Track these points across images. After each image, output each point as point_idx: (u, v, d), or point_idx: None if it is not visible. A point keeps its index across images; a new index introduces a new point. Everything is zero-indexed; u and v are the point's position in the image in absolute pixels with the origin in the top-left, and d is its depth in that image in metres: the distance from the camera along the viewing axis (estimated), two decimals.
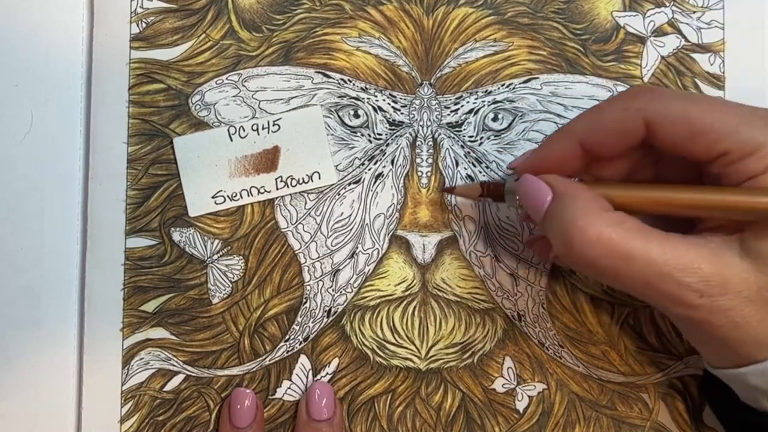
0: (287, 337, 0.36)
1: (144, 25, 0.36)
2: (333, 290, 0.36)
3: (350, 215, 0.36)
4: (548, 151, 0.31)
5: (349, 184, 0.36)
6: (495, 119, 0.36)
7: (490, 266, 0.36)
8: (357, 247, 0.36)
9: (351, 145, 0.36)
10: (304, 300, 0.36)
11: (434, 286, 0.36)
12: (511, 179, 0.32)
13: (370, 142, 0.36)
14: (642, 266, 0.27)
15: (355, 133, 0.36)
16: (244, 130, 0.36)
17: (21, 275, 0.35)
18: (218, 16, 0.36)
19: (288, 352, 0.36)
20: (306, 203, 0.36)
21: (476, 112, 0.36)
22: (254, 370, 0.36)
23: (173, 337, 0.36)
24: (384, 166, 0.36)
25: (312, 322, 0.36)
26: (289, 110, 0.36)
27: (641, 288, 0.28)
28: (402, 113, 0.36)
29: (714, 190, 0.28)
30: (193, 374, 0.36)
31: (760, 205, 0.26)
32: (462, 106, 0.36)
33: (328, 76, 0.36)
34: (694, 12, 0.36)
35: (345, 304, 0.36)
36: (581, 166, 0.31)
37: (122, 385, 0.35)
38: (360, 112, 0.36)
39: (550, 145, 0.31)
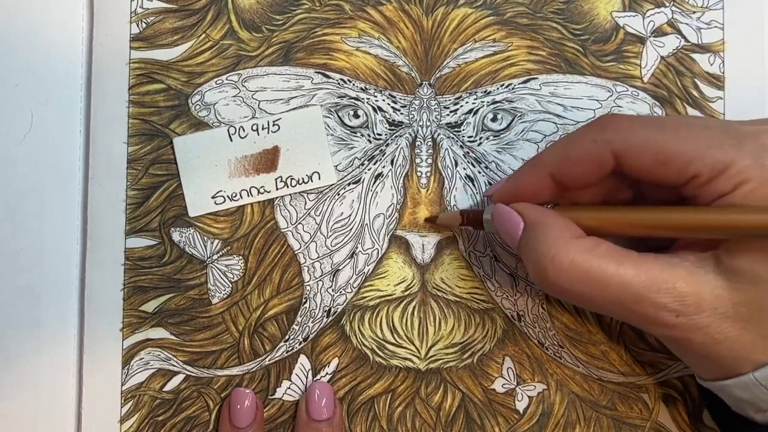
0: (287, 337, 0.36)
1: (144, 25, 0.36)
2: (333, 290, 0.36)
3: (350, 215, 0.36)
4: (520, 181, 0.31)
5: (349, 184, 0.36)
6: (494, 119, 0.36)
7: (489, 266, 0.36)
8: (357, 247, 0.36)
9: (351, 146, 0.36)
10: (304, 300, 0.36)
11: (434, 286, 0.36)
12: (489, 208, 0.32)
13: (370, 142, 0.36)
14: (616, 290, 0.27)
15: (355, 133, 0.36)
16: (244, 130, 0.36)
17: (21, 275, 0.35)
18: (218, 17, 0.36)
19: (288, 352, 0.36)
20: (306, 203, 0.36)
21: (475, 113, 0.36)
22: (254, 370, 0.36)
23: (173, 337, 0.36)
24: (383, 167, 0.36)
25: (312, 322, 0.36)
26: (289, 110, 0.36)
27: (618, 311, 0.28)
28: (401, 113, 0.36)
29: (685, 210, 0.28)
30: (193, 374, 0.36)
31: (730, 223, 0.26)
32: (461, 106, 0.36)
33: (328, 77, 0.36)
34: (694, 12, 0.36)
35: (345, 304, 0.36)
36: (554, 195, 0.31)
37: (122, 385, 0.35)
38: (360, 112, 0.36)
39: (521, 175, 0.31)
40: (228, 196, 0.36)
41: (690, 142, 0.27)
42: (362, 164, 0.36)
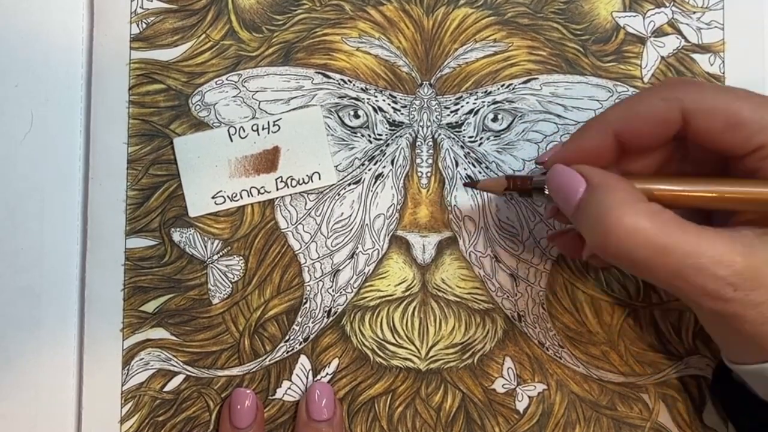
0: (287, 337, 0.36)
1: (144, 25, 0.36)
2: (333, 290, 0.36)
3: (350, 215, 0.36)
4: (581, 142, 0.31)
5: (349, 184, 0.36)
6: (495, 120, 0.36)
7: (489, 266, 0.36)
8: (357, 248, 0.36)
9: (351, 146, 0.36)
10: (304, 300, 0.36)
11: (434, 286, 0.36)
12: (538, 173, 0.32)
13: (370, 142, 0.36)
14: (678, 258, 0.27)
15: (355, 133, 0.36)
16: (244, 130, 0.36)
17: (21, 275, 0.35)
18: (218, 17, 0.36)
19: (288, 352, 0.36)
20: (306, 203, 0.36)
21: (476, 113, 0.36)
22: (254, 370, 0.36)
23: (173, 338, 0.36)
24: (384, 167, 0.36)
25: (312, 323, 0.36)
26: (289, 110, 0.36)
27: (675, 280, 0.27)
28: (402, 114, 0.36)
29: (749, 182, 0.28)
30: (193, 374, 0.36)
31: None
32: (462, 106, 0.36)
33: (328, 77, 0.36)
34: (694, 12, 0.36)
35: (345, 304, 0.36)
36: (614, 159, 0.30)
37: (122, 385, 0.35)
38: (360, 112, 0.36)
39: (583, 135, 0.31)
40: (228, 197, 0.36)
41: (760, 110, 0.27)
42: (362, 164, 0.36)
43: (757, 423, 0.30)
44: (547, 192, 0.31)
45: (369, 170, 0.36)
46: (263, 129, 0.36)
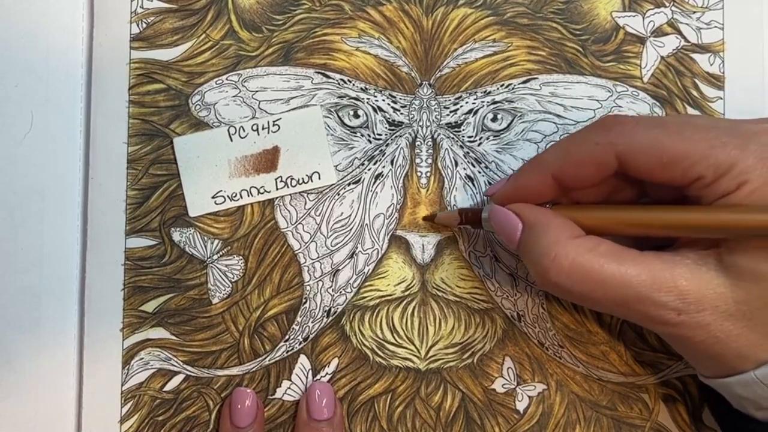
0: (287, 337, 0.36)
1: (144, 25, 0.36)
2: (333, 290, 0.36)
3: (350, 215, 0.36)
4: (521, 182, 0.31)
5: (349, 184, 0.36)
6: (494, 119, 0.36)
7: (489, 266, 0.36)
8: (357, 247, 0.36)
9: (351, 146, 0.36)
10: (304, 300, 0.36)
11: (434, 286, 0.36)
12: (487, 207, 0.32)
13: (370, 142, 0.36)
14: (618, 289, 0.27)
15: (355, 133, 0.36)
16: (244, 130, 0.36)
17: (21, 275, 0.35)
18: (218, 17, 0.36)
19: (288, 352, 0.36)
20: (306, 203, 0.36)
21: (475, 113, 0.36)
22: (254, 370, 0.36)
23: (173, 337, 0.36)
24: (383, 167, 0.36)
25: (312, 322, 0.36)
26: (289, 110, 0.36)
27: (620, 310, 0.28)
28: (401, 113, 0.36)
29: (686, 209, 0.28)
30: (193, 374, 0.36)
31: (732, 223, 0.26)
32: (461, 106, 0.36)
33: (328, 77, 0.36)
34: (694, 12, 0.36)
35: (345, 304, 0.36)
36: (556, 195, 0.31)
37: (122, 385, 0.35)
38: (360, 112, 0.36)
39: (522, 175, 0.31)
40: (228, 196, 0.36)
41: (694, 143, 0.27)
42: (362, 164, 0.36)
43: (738, 429, 0.31)
44: None
45: (369, 170, 0.36)
46: (263, 129, 0.36)
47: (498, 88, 0.36)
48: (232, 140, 0.36)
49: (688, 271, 0.27)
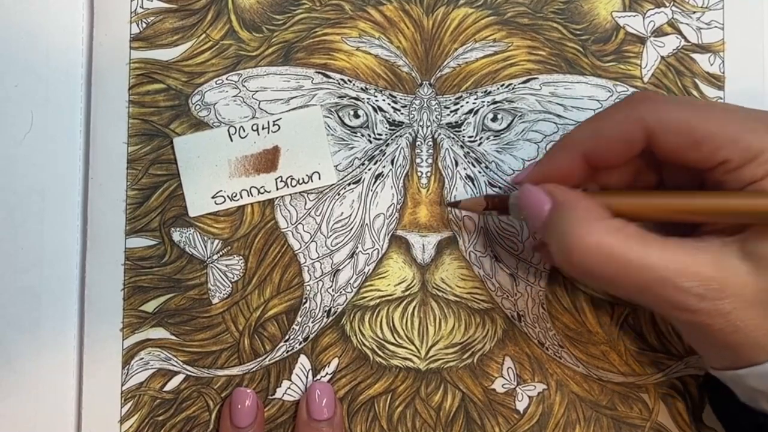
0: (287, 337, 0.36)
1: (144, 25, 0.36)
2: (333, 290, 0.36)
3: (350, 215, 0.36)
4: (551, 164, 0.31)
5: (349, 184, 0.36)
6: (494, 119, 0.36)
7: (489, 266, 0.36)
8: (357, 247, 0.36)
9: (351, 145, 0.36)
10: (304, 300, 0.36)
11: (434, 286, 0.36)
12: (515, 192, 0.32)
13: (370, 142, 0.36)
14: (641, 272, 0.27)
15: (355, 133, 0.36)
16: (244, 130, 0.36)
17: (21, 275, 0.35)
18: (218, 17, 0.36)
19: (288, 352, 0.36)
20: (306, 203, 0.36)
21: (476, 113, 0.36)
22: (254, 370, 0.36)
23: (173, 337, 0.36)
24: (384, 167, 0.36)
25: (312, 322, 0.36)
26: (289, 110, 0.36)
27: (641, 294, 0.28)
28: (402, 113, 0.36)
29: (713, 194, 0.28)
30: (193, 374, 0.36)
31: (760, 207, 0.26)
32: (461, 106, 0.36)
33: (328, 77, 0.36)
34: (694, 12, 0.36)
35: (345, 304, 0.36)
36: (585, 176, 0.31)
37: (122, 385, 0.35)
38: (360, 112, 0.36)
39: (551, 157, 0.31)
40: (228, 196, 0.36)
41: (724, 125, 0.27)
42: (362, 164, 0.36)
43: (744, 424, 0.31)
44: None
45: (369, 170, 0.36)
46: (263, 129, 0.36)
47: (498, 88, 0.36)
48: (232, 140, 0.36)
49: (712, 258, 0.27)
